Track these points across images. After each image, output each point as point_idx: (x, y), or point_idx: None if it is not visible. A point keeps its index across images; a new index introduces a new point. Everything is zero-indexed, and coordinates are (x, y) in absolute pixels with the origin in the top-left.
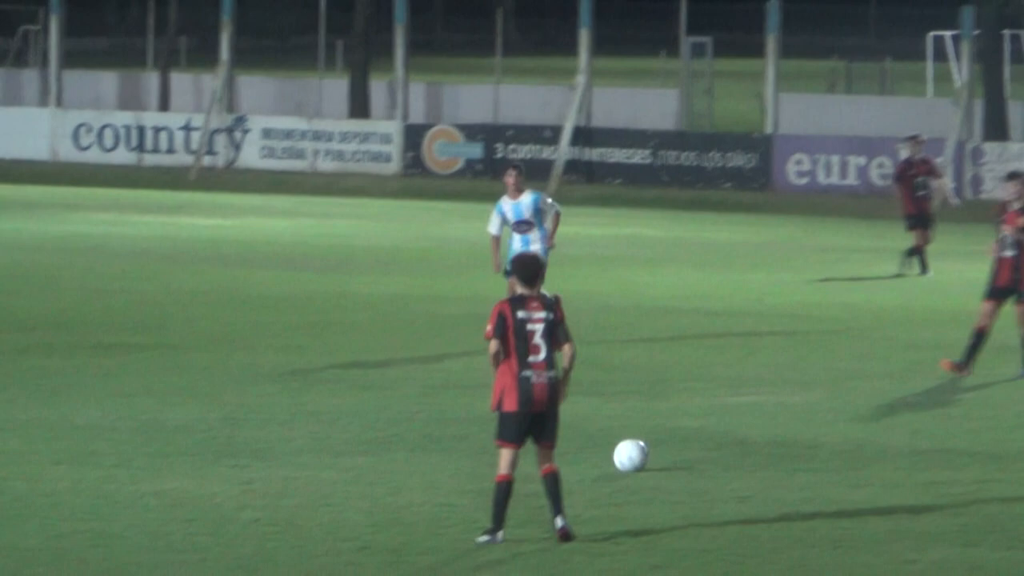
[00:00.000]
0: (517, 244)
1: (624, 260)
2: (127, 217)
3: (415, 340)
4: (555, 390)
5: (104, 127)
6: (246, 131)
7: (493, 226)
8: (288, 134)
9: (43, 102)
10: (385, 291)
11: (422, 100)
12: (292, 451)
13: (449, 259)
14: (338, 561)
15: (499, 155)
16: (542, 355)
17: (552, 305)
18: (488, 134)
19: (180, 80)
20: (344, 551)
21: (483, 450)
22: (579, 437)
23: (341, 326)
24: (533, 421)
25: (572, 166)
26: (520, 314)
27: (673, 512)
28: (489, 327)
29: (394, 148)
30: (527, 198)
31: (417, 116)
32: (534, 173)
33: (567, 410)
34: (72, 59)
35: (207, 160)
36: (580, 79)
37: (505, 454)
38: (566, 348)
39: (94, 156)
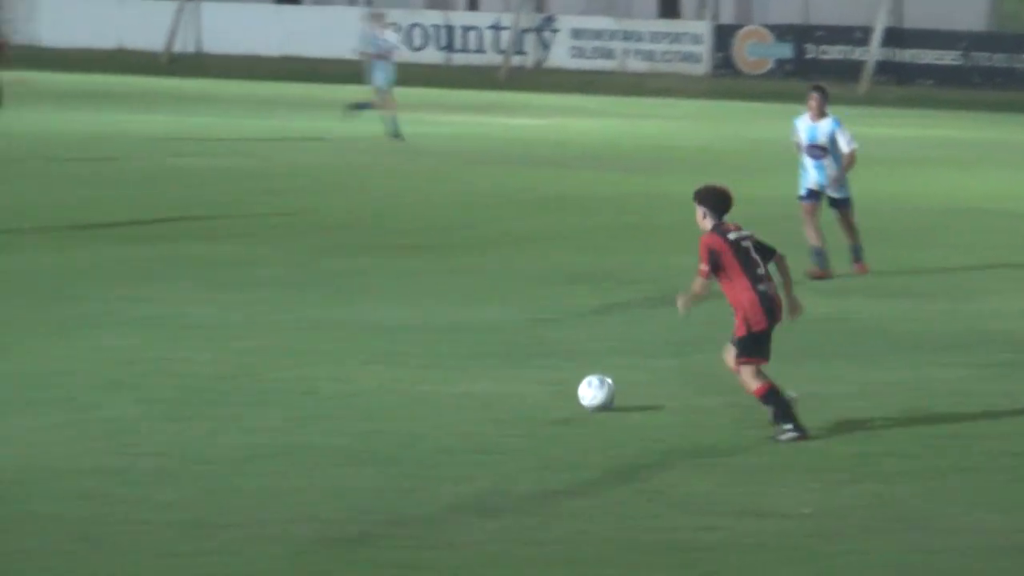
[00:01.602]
0: (810, 169)
1: (934, 161)
2: (435, 117)
3: None
4: (780, 299)
5: (413, 26)
6: (555, 31)
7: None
8: (597, 34)
9: (352, 2)
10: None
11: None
12: (602, 352)
13: (759, 160)
14: (648, 462)
15: (809, 55)
16: (762, 268)
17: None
18: (798, 35)
19: None
20: (653, 452)
21: (786, 354)
22: (885, 340)
23: (650, 227)
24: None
25: (882, 67)
26: (731, 236)
27: (983, 415)
28: (704, 266)
29: (704, 48)
30: (826, 123)
31: (726, 16)
32: (845, 74)
33: (874, 312)
34: None
35: (516, 60)
36: None
37: (753, 371)
38: (779, 257)
39: (403, 55)
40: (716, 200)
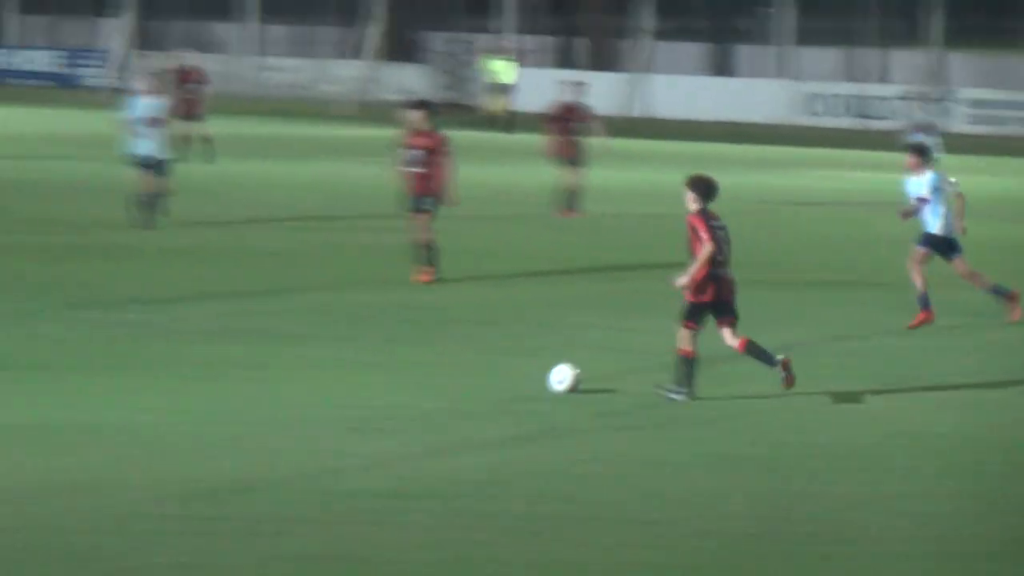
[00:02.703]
0: (921, 218)
1: None
2: (846, 173)
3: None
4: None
5: (831, 96)
6: (955, 101)
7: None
8: (991, 103)
9: (780, 74)
10: None
11: None
12: (903, 376)
13: None
14: (914, 479)
15: None
16: (727, 255)
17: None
18: None
19: (897, 56)
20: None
21: None
22: None
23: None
24: (718, 308)
25: None
26: (714, 223)
27: None
28: (706, 235)
29: None
30: (926, 177)
31: None
32: None
33: None
34: (803, 36)
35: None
36: None
37: (689, 334)
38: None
39: (823, 121)
40: (707, 188)
